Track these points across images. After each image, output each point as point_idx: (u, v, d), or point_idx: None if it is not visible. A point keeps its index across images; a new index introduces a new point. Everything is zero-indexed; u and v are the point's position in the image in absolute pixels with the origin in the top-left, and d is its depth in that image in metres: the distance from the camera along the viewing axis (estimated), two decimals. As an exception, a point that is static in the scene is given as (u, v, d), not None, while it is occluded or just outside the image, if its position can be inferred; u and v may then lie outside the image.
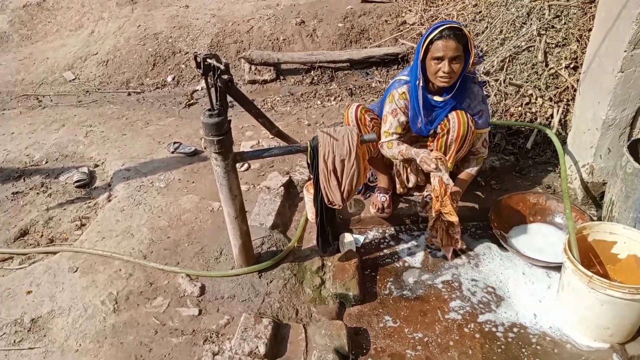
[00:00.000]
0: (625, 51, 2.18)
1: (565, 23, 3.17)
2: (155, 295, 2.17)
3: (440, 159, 2.22)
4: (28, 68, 5.12)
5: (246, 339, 1.87)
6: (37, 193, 3.10)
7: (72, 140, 3.64)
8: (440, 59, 2.12)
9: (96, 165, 3.33)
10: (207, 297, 2.15)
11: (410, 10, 4.88)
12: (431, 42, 2.11)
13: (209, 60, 1.78)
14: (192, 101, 4.36)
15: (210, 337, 1.95)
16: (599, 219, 2.48)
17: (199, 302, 2.12)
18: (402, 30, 4.71)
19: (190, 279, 2.23)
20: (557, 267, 2.19)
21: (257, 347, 1.85)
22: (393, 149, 2.43)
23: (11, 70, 5.10)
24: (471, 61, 2.17)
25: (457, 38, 2.08)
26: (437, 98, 2.30)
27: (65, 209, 2.93)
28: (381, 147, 2.48)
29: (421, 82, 2.24)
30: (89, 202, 2.98)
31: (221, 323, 2.01)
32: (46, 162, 3.41)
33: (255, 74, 4.57)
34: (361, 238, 2.62)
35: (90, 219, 2.81)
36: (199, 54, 1.79)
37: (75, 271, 2.33)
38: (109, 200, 2.91)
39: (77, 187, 3.12)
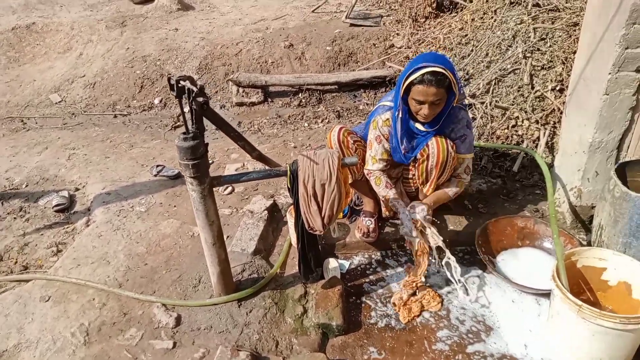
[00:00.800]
0: (610, 73, 2.16)
1: (550, 46, 3.17)
2: (129, 327, 2.07)
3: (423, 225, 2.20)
4: (14, 90, 5.07)
5: (221, 373, 1.78)
6: (15, 218, 3.02)
7: (54, 163, 3.58)
8: (421, 102, 2.08)
9: (77, 189, 3.25)
10: (183, 328, 2.06)
11: (398, 34, 4.91)
12: (412, 83, 2.05)
13: (182, 82, 1.74)
14: (178, 123, 4.31)
15: (184, 372, 1.85)
16: (589, 243, 2.42)
17: (173, 334, 2.02)
18: (389, 54, 4.73)
19: (166, 308, 2.14)
20: (547, 294, 2.11)
21: (232, 383, 1.75)
22: (380, 187, 2.38)
23: (-4, 93, 5.05)
24: (455, 101, 2.13)
25: (438, 84, 2.01)
26: (419, 126, 2.26)
27: (42, 235, 2.84)
28: (369, 174, 2.42)
29: (400, 114, 2.20)
30: (67, 227, 2.90)
31: (196, 357, 1.92)
32: (26, 186, 3.33)
33: (242, 96, 4.55)
34: (346, 264, 2.54)
35: (67, 245, 2.72)
36: (172, 76, 1.75)
37: (47, 300, 2.23)
38: (87, 226, 2.82)
39: (56, 211, 3.04)
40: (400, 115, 2.21)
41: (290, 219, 2.47)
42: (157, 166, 3.31)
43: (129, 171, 3.36)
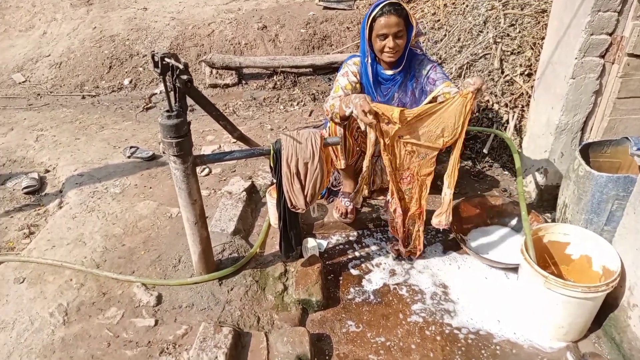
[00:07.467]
0: (576, 58, 2.27)
1: (519, 31, 3.27)
2: (109, 306, 2.06)
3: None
4: (-27, 69, 4.85)
5: (205, 349, 1.81)
6: (-19, 200, 2.92)
7: (21, 144, 3.47)
8: (384, 36, 2.22)
9: (47, 171, 3.17)
10: (164, 306, 2.07)
11: (371, 18, 4.93)
12: (374, 19, 2.22)
13: (167, 59, 1.72)
14: (150, 105, 4.24)
15: (167, 349, 1.87)
16: (554, 221, 2.55)
17: (155, 312, 2.03)
18: (363, 37, 4.75)
19: (146, 288, 2.14)
20: (516, 269, 2.23)
21: (216, 357, 1.78)
22: (337, 105, 2.23)
23: (-46, 71, 4.82)
24: (414, 33, 2.27)
25: (397, 12, 2.19)
26: (387, 72, 2.40)
27: (12, 217, 2.77)
28: (325, 102, 2.38)
29: (369, 59, 2.35)
30: (39, 210, 2.83)
31: (179, 333, 1.94)
32: (-8, 168, 3.23)
33: (216, 77, 4.50)
34: (324, 243, 2.60)
35: (40, 227, 2.67)
36: (157, 53, 1.73)
37: (22, 282, 2.19)
38: (60, 207, 2.77)
39: (25, 193, 2.97)
40: (369, 60, 2.35)
41: (270, 199, 2.50)
42: (131, 147, 3.26)
43: (101, 153, 3.30)
